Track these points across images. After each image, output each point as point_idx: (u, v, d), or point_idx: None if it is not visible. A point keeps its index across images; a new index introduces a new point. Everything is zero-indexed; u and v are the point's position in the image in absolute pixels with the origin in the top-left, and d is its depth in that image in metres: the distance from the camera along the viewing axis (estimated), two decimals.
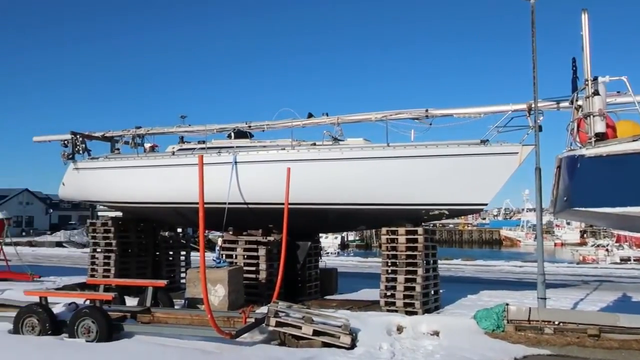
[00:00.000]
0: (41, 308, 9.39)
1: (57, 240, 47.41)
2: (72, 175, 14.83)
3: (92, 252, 14.64)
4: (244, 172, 12.16)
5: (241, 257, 12.58)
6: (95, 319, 8.80)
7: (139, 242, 15.06)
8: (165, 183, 13.04)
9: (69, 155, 14.62)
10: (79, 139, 14.59)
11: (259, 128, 13.18)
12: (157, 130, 14.42)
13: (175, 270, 15.90)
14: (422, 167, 10.95)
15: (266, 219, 12.52)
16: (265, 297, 11.94)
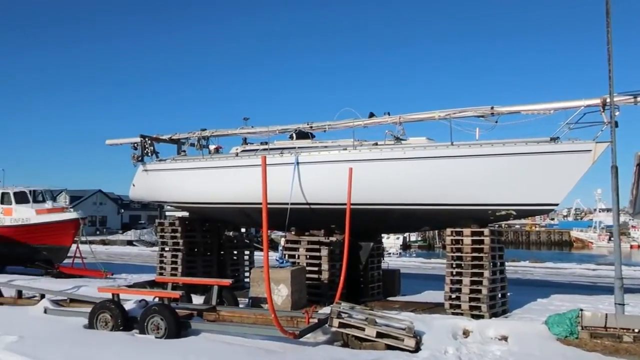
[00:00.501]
0: (114, 304, 9.77)
1: (128, 239, 49.48)
2: (141, 176, 15.38)
3: (160, 251, 15.14)
4: (306, 172, 12.21)
5: (303, 257, 12.64)
6: (164, 316, 9.06)
7: (205, 242, 15.44)
8: (229, 184, 13.30)
9: (139, 158, 15.17)
10: (148, 142, 15.10)
11: (320, 128, 13.20)
12: (221, 132, 14.72)
13: (239, 269, 16.21)
14: (488, 166, 10.62)
15: (328, 219, 12.52)
16: (327, 297, 11.95)
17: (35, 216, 19.68)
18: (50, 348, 8.22)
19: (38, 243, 19.32)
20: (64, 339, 8.94)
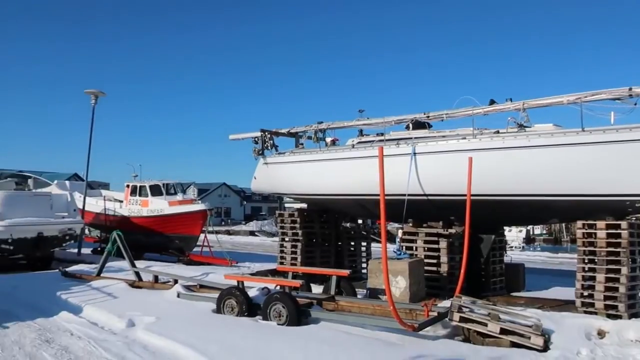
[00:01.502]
0: (239, 291, 10.27)
1: (250, 230, 51.82)
2: (262, 169, 16.02)
3: (280, 241, 15.69)
4: (423, 163, 11.97)
5: (421, 249, 12.43)
6: (285, 304, 9.36)
7: (323, 232, 15.74)
8: (345, 175, 13.42)
9: (259, 151, 15.79)
10: (268, 136, 15.67)
11: (437, 118, 12.86)
12: (337, 124, 14.87)
13: (356, 260, 16.34)
14: (626, 153, 9.70)
15: (447, 211, 12.19)
16: (446, 290, 11.66)
17: (168, 207, 21.28)
18: (183, 329, 8.82)
19: (171, 232, 20.89)
20: (195, 321, 9.56)
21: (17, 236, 16.77)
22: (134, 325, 9.46)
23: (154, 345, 8.28)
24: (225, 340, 8.19)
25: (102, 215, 23.28)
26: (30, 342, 8.57)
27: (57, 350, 8.06)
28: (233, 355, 7.44)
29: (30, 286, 13.45)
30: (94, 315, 10.37)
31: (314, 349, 7.71)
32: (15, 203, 17.37)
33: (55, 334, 9.13)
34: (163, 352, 7.98)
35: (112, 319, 9.88)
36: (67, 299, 11.71)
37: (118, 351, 7.99)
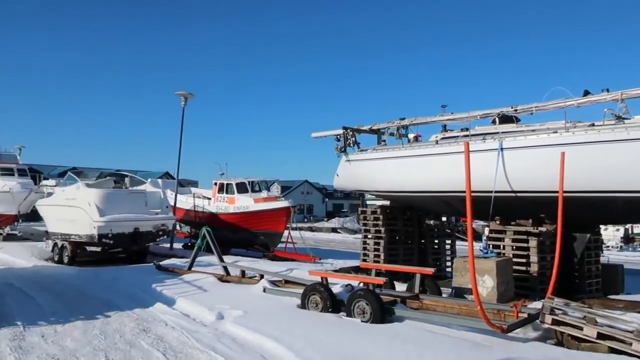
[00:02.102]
0: (323, 287, 10.38)
1: (332, 227, 52.15)
2: (344, 166, 16.09)
3: (363, 238, 15.70)
4: (511, 158, 11.53)
5: (509, 247, 11.99)
6: (369, 301, 9.35)
7: (406, 230, 15.59)
8: (429, 172, 13.19)
9: (342, 149, 15.88)
10: (350, 133, 15.72)
11: (526, 111, 12.35)
12: (420, 120, 14.66)
13: (440, 258, 16.05)
14: None
15: (536, 208, 11.68)
16: (537, 291, 11.19)
17: (253, 204, 21.90)
18: (269, 323, 9.05)
19: (256, 228, 21.48)
20: (281, 316, 9.78)
21: (116, 231, 17.90)
22: (223, 318, 9.82)
23: (242, 338, 8.56)
24: (310, 335, 8.32)
25: (191, 211, 24.37)
26: (129, 330, 9.13)
27: (154, 340, 8.53)
28: (318, 350, 7.53)
29: (128, 278, 14.33)
30: (186, 308, 10.87)
31: (398, 347, 7.66)
32: (114, 200, 18.54)
33: (151, 323, 9.67)
34: (251, 344, 8.22)
35: (203, 312, 10.32)
36: (162, 291, 12.36)
37: (209, 342, 8.33)
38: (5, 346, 8.01)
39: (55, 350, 7.87)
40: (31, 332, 8.94)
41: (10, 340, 8.37)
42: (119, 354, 7.71)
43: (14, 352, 7.70)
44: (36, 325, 9.40)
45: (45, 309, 10.88)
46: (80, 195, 18.79)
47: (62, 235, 19.52)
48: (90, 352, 7.78)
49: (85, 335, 8.80)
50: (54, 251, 19.91)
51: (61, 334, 8.83)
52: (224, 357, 7.54)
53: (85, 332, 8.96)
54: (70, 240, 18.94)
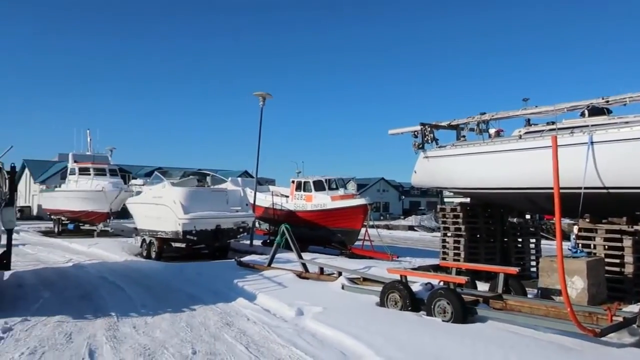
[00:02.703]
0: (402, 285, 10.27)
1: (409, 224, 51.45)
2: (422, 163, 15.81)
3: (442, 236, 15.37)
4: (603, 152, 10.88)
5: (600, 247, 11.34)
6: (450, 301, 9.15)
7: (487, 228, 15.12)
8: (512, 168, 12.70)
9: (419, 145, 15.62)
10: (428, 129, 15.43)
11: (619, 102, 11.60)
12: (502, 114, 14.14)
13: (524, 257, 15.45)
14: None
15: (631, 205, 10.97)
16: (632, 294, 10.55)
17: (330, 202, 22.03)
18: (348, 320, 9.07)
19: (334, 226, 21.59)
20: (359, 313, 9.76)
21: (200, 228, 18.59)
22: (302, 314, 9.94)
23: (322, 334, 8.63)
24: (389, 333, 8.26)
25: (270, 209, 24.88)
26: (213, 324, 9.45)
27: (237, 333, 8.77)
28: (398, 349, 7.46)
29: (211, 273, 14.84)
30: (267, 303, 11.10)
31: (481, 347, 7.44)
32: (197, 198, 19.27)
33: (234, 318, 9.95)
34: (330, 341, 8.27)
35: (283, 307, 10.50)
36: (243, 286, 12.70)
37: (289, 337, 8.46)
38: (102, 335, 8.51)
39: (146, 340, 8.28)
40: (124, 322, 9.46)
41: (106, 330, 8.90)
42: (205, 346, 7.99)
43: (109, 341, 8.17)
44: (128, 316, 9.94)
45: (136, 301, 11.47)
46: (166, 193, 19.67)
47: (150, 231, 20.52)
48: (178, 344, 8.12)
49: (173, 327, 9.19)
50: (142, 247, 20.98)
51: (151, 325, 9.27)
52: (305, 353, 7.63)
53: (173, 324, 9.36)
54: (157, 236, 19.87)
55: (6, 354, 7.40)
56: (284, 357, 7.50)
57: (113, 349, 7.75)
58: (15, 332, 8.56)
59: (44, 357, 7.34)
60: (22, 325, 9.00)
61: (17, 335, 8.40)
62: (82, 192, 29.49)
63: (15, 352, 7.48)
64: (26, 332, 8.64)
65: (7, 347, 7.75)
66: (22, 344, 7.92)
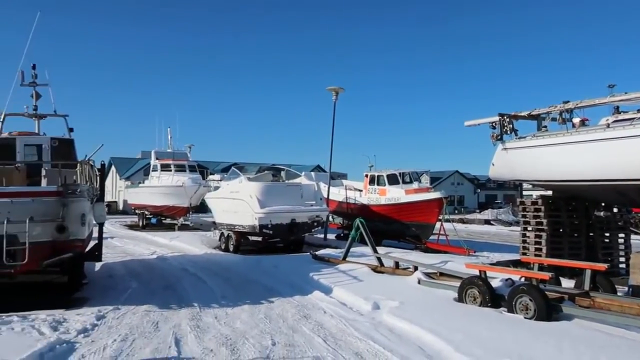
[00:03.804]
0: (481, 281, 10.01)
1: (485, 218, 50.01)
2: (500, 155, 15.29)
3: (522, 231, 14.81)
4: None
5: None
6: (533, 297, 8.82)
7: (571, 222, 14.43)
8: (600, 159, 12.01)
9: (498, 136, 15.10)
10: (506, 120, 14.89)
11: None
12: (587, 102, 13.40)
13: (612, 253, 14.62)
14: None
15: None
16: None
17: (404, 196, 21.79)
18: (426, 316, 8.96)
19: (408, 220, 21.36)
20: (436, 308, 9.63)
21: (275, 222, 18.95)
22: (378, 308, 9.93)
23: (399, 329, 8.58)
24: (469, 329, 8.08)
25: (343, 203, 24.96)
26: (291, 316, 9.62)
27: (314, 326, 8.88)
28: (479, 345, 7.28)
29: (287, 266, 15.10)
30: (343, 296, 11.17)
31: (568, 347, 7.13)
32: (272, 193, 19.64)
33: (311, 310, 10.09)
34: (408, 336, 8.21)
35: (359, 301, 10.52)
36: (319, 279, 12.83)
37: (366, 331, 8.48)
38: (186, 325, 8.88)
39: (228, 331, 8.55)
40: (206, 313, 9.82)
41: (190, 319, 9.27)
42: (284, 338, 8.15)
43: (193, 331, 8.51)
44: (209, 307, 10.31)
45: (216, 292, 11.88)
46: (243, 188, 20.19)
47: (228, 225, 21.15)
48: (258, 335, 8.33)
49: (252, 318, 9.44)
50: (220, 240, 21.66)
51: (231, 316, 9.57)
52: (382, 347, 7.62)
53: (252, 316, 9.62)
54: (235, 230, 20.45)
55: (100, 340, 7.89)
56: (361, 351, 7.52)
57: (197, 338, 8.07)
58: (107, 320, 9.11)
59: (135, 344, 7.76)
60: (114, 314, 9.56)
61: (110, 323, 8.92)
62: (163, 188, 30.86)
63: (108, 339, 7.95)
64: (117, 320, 9.17)
65: (101, 334, 8.25)
66: (114, 331, 8.41)
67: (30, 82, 15.68)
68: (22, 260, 9.65)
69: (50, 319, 8.81)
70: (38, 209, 9.97)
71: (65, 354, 7.21)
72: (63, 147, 14.53)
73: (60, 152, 14.23)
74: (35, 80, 15.73)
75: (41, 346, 7.25)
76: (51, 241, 10.13)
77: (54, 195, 10.21)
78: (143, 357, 7.15)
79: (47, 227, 10.03)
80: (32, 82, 15.72)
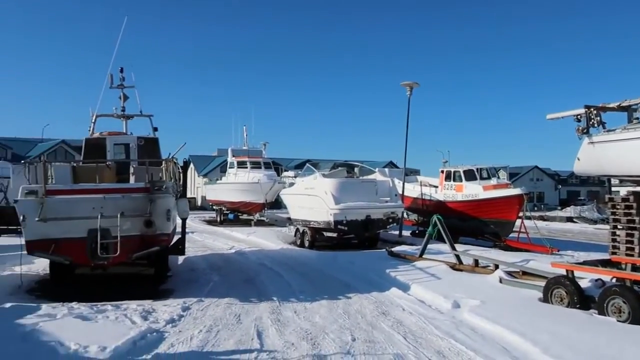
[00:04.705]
0: (569, 281, 9.59)
1: (567, 216, 47.79)
2: (587, 149, 14.48)
3: (612, 229, 13.93)
4: None
5: None
6: (627, 299, 8.35)
7: None
8: None
9: (584, 130, 14.30)
10: (593, 112, 14.07)
11: None
12: None
13: None
14: None
15: None
16: None
17: (482, 192, 21.18)
18: (509, 315, 8.69)
19: (486, 217, 20.75)
20: (521, 308, 9.31)
21: (350, 218, 18.96)
22: (459, 306, 9.72)
23: (482, 328, 8.37)
24: (557, 331, 7.75)
25: (419, 200, 24.61)
26: (369, 312, 9.61)
27: (393, 323, 8.83)
28: (569, 348, 6.97)
29: (362, 262, 15.08)
30: (421, 294, 11.03)
31: None
32: (347, 189, 19.66)
33: (389, 307, 10.03)
34: (491, 335, 7.99)
35: (438, 299, 10.35)
36: (396, 276, 12.74)
37: (447, 330, 8.32)
38: (267, 318, 9.08)
39: (307, 325, 8.66)
40: (285, 307, 9.99)
41: (270, 313, 9.47)
42: (363, 334, 8.15)
43: (274, 324, 8.68)
44: (288, 301, 10.48)
45: (294, 287, 12.06)
46: (318, 184, 20.35)
47: (303, 221, 21.40)
48: (338, 330, 8.38)
49: (331, 313, 9.51)
50: (296, 236, 21.97)
51: (310, 311, 9.68)
52: (465, 346, 7.46)
53: (331, 311, 9.68)
54: (310, 226, 20.66)
55: (187, 331, 8.21)
56: (443, 349, 7.39)
57: (278, 332, 8.23)
58: (192, 311, 9.47)
59: (219, 335, 8.02)
60: (198, 305, 9.93)
61: (195, 314, 9.28)
62: (240, 184, 31.67)
63: (194, 329, 8.27)
64: (202, 311, 9.51)
65: (188, 325, 8.59)
66: (199, 322, 8.73)
67: (118, 84, 16.54)
68: (114, 252, 10.24)
69: (140, 309, 9.27)
70: (128, 204, 10.53)
71: (156, 342, 7.57)
72: (148, 145, 15.23)
73: (146, 150, 14.94)
74: (123, 82, 16.58)
75: (134, 334, 7.66)
76: (140, 235, 10.67)
77: (142, 191, 10.74)
78: (228, 348, 7.37)
79: (136, 222, 10.58)
80: (120, 85, 16.59)
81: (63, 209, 10.23)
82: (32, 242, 10.36)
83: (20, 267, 12.25)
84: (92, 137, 15.64)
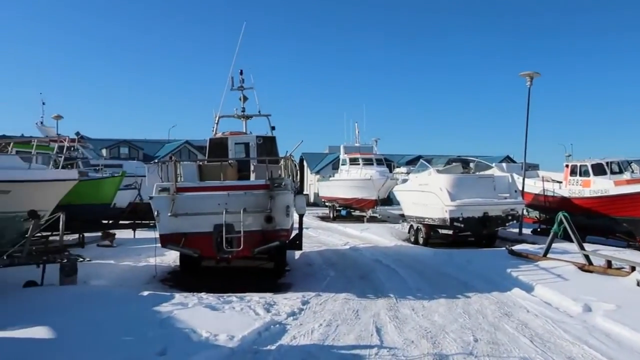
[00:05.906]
0: None
1: None
2: None
3: None
4: None
5: None
6: None
7: None
8: None
9: None
10: None
11: None
12: None
13: None
14: None
15: None
16: None
17: (613, 187, 19.58)
18: None
19: (618, 215, 19.15)
20: None
21: (466, 215, 18.39)
22: (590, 310, 9.09)
23: (617, 334, 7.77)
24: None
25: (540, 196, 23.28)
26: (491, 313, 9.27)
27: (517, 325, 8.44)
28: None
29: (481, 261, 14.57)
30: (546, 296, 10.44)
31: None
32: (463, 185, 19.08)
33: (512, 308, 9.60)
34: (628, 343, 7.40)
35: (566, 301, 9.74)
36: (517, 276, 12.16)
37: (578, 335, 7.81)
38: (385, 315, 9.08)
39: (426, 323, 8.54)
40: (402, 304, 9.92)
41: (387, 310, 9.46)
42: (486, 335, 7.89)
43: (392, 321, 8.66)
44: (405, 298, 10.40)
45: (411, 284, 11.94)
46: (432, 180, 19.96)
47: (417, 218, 21.11)
48: (458, 329, 8.17)
49: (450, 312, 9.30)
50: (410, 232, 21.72)
51: (428, 309, 9.54)
52: (600, 354, 6.97)
53: (450, 310, 9.47)
54: (424, 223, 20.32)
55: (307, 324, 8.44)
56: (575, 355, 6.95)
57: (397, 329, 8.20)
58: (311, 305, 9.71)
59: (339, 329, 8.15)
60: (316, 300, 10.17)
61: (314, 308, 9.51)
62: (352, 181, 31.92)
63: (314, 323, 8.47)
64: (320, 305, 9.73)
65: (307, 318, 8.83)
66: (319, 316, 8.94)
67: (239, 86, 17.34)
68: (238, 247, 10.78)
69: (263, 301, 9.67)
70: (249, 201, 11.04)
71: (279, 333, 7.86)
72: (267, 144, 15.83)
73: (264, 148, 15.54)
74: (243, 84, 17.36)
75: (258, 325, 8.02)
76: (261, 230, 11.14)
77: (263, 188, 11.20)
78: (348, 343, 7.47)
79: (257, 218, 11.06)
80: (240, 87, 17.37)
81: (191, 205, 10.95)
82: (165, 235, 11.20)
83: (155, 259, 13.26)
84: (216, 137, 16.53)
